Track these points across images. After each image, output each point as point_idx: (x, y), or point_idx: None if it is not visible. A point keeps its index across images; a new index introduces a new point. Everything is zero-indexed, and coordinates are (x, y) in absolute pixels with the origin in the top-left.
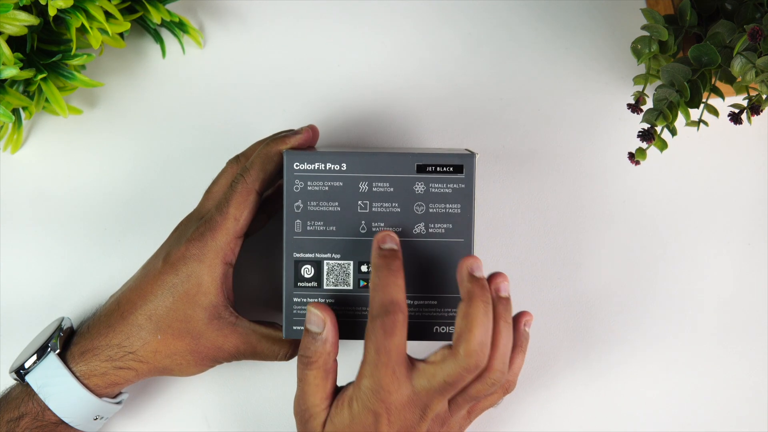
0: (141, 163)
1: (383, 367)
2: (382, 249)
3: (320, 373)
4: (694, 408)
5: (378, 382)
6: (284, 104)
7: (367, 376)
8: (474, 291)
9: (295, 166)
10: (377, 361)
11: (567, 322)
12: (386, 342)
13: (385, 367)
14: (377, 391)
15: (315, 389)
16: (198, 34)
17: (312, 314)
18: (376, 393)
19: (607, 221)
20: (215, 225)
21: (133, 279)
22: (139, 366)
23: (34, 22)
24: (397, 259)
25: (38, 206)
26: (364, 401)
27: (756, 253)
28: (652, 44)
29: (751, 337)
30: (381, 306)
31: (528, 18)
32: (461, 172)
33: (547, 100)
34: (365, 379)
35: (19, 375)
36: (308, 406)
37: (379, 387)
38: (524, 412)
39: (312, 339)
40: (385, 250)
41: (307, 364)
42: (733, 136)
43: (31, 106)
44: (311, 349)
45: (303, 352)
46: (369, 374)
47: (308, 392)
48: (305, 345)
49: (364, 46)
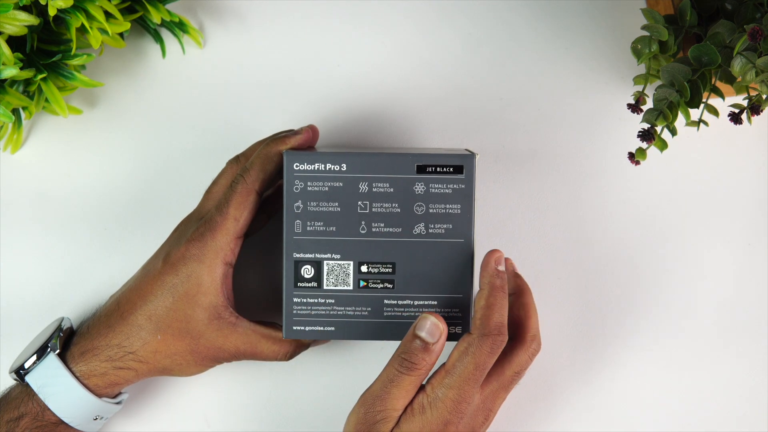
0: (141, 163)
1: (474, 381)
2: (499, 270)
3: (417, 381)
4: (694, 407)
5: (462, 394)
6: (284, 104)
7: (452, 387)
8: (522, 285)
9: (295, 166)
10: (471, 376)
11: (567, 321)
12: (488, 359)
13: (475, 382)
14: (459, 402)
15: (404, 394)
16: (198, 34)
17: (430, 323)
18: (458, 404)
19: (607, 221)
20: (215, 225)
21: (133, 279)
22: (139, 366)
23: (34, 22)
24: (506, 283)
25: (38, 206)
26: (440, 410)
27: (756, 253)
28: (652, 44)
29: (751, 337)
30: (495, 326)
31: (528, 18)
32: (461, 172)
33: (547, 100)
34: (449, 389)
35: (19, 375)
36: (387, 408)
37: (462, 398)
38: (525, 411)
39: (422, 347)
40: (501, 271)
41: (410, 369)
42: (733, 136)
43: (31, 106)
44: (419, 356)
45: (407, 357)
46: (455, 385)
47: (395, 395)
48: (411, 350)
49: (364, 46)
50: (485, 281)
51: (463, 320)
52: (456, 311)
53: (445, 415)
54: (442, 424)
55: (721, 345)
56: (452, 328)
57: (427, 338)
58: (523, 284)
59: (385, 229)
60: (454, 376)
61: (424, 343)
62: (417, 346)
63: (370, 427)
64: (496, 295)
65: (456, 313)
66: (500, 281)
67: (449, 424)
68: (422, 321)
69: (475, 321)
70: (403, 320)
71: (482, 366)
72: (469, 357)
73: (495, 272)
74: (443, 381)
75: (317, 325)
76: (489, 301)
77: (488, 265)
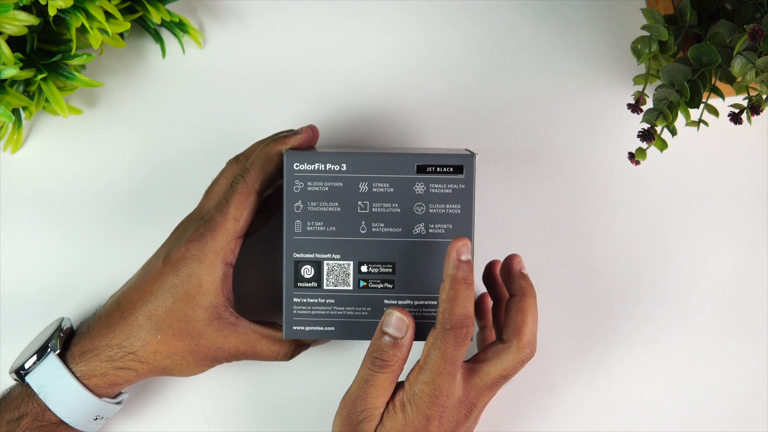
0: (141, 163)
1: (447, 375)
2: (461, 261)
3: (392, 377)
4: (694, 407)
5: (438, 388)
6: (284, 104)
7: (427, 383)
8: (525, 287)
9: (295, 166)
10: (442, 369)
11: (567, 321)
12: (456, 352)
13: (448, 375)
14: (436, 396)
15: (381, 392)
16: (198, 34)
17: (395, 318)
18: (435, 398)
19: (607, 221)
20: (215, 225)
21: (133, 279)
22: (139, 366)
23: (34, 22)
24: (472, 272)
25: (38, 206)
26: (420, 406)
27: (756, 253)
28: (652, 44)
29: (752, 337)
30: (458, 319)
31: (528, 18)
32: (461, 172)
33: (547, 100)
34: (424, 385)
35: (19, 375)
36: (367, 407)
37: (439, 392)
38: (525, 411)
39: (391, 343)
40: (463, 262)
41: (382, 366)
42: (733, 136)
43: (31, 106)
44: (389, 352)
45: (378, 355)
46: (429, 381)
47: (373, 394)
48: (381, 347)
49: (364, 45)
50: (446, 273)
51: None
52: None
53: (426, 410)
54: (424, 419)
55: (721, 345)
56: None
57: (394, 333)
58: (526, 286)
59: (385, 229)
60: (426, 371)
61: (392, 339)
62: (386, 342)
63: (355, 427)
64: (456, 288)
65: None
66: (462, 272)
67: (431, 418)
68: (387, 317)
69: (438, 315)
70: None
71: (451, 359)
72: (436, 351)
73: (456, 263)
74: (418, 377)
75: (317, 325)
76: (449, 294)
77: (449, 256)
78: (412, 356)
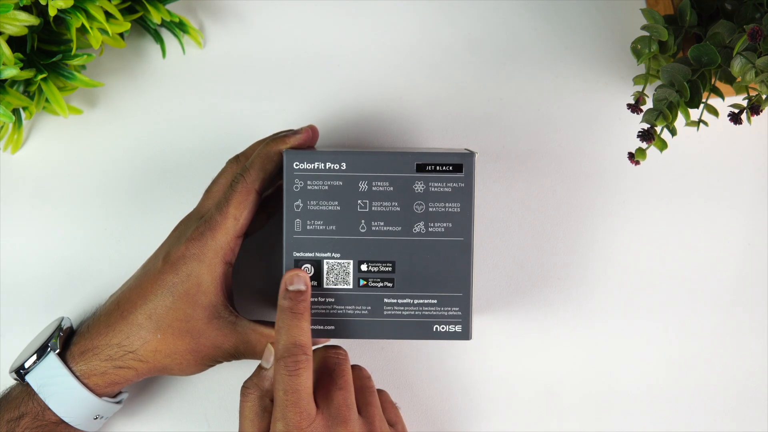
0: (141, 163)
1: (292, 406)
2: (288, 291)
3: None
4: (694, 407)
5: (289, 423)
6: (284, 104)
7: (279, 420)
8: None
9: (294, 165)
10: (286, 402)
11: (567, 322)
12: (292, 382)
13: (294, 407)
14: (291, 429)
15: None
16: (198, 34)
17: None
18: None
19: (607, 221)
20: (215, 224)
21: (133, 278)
22: (139, 365)
23: (34, 22)
24: (303, 301)
25: (38, 206)
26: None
27: (756, 253)
28: (652, 44)
29: (752, 337)
30: (285, 348)
31: (528, 18)
32: (461, 171)
33: (547, 100)
34: (278, 422)
35: (19, 375)
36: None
37: (292, 427)
38: (525, 410)
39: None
40: (291, 292)
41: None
42: (732, 136)
43: (31, 106)
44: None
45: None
46: (281, 417)
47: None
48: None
49: (364, 46)
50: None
51: (463, 319)
52: (455, 310)
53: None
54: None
55: (721, 345)
56: (452, 327)
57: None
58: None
59: (384, 227)
60: (276, 408)
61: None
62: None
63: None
64: (282, 317)
65: (455, 311)
66: (287, 302)
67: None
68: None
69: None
70: (403, 319)
71: (290, 389)
72: (277, 385)
73: (283, 293)
74: (273, 416)
75: (317, 324)
76: (277, 324)
77: (281, 287)
78: None
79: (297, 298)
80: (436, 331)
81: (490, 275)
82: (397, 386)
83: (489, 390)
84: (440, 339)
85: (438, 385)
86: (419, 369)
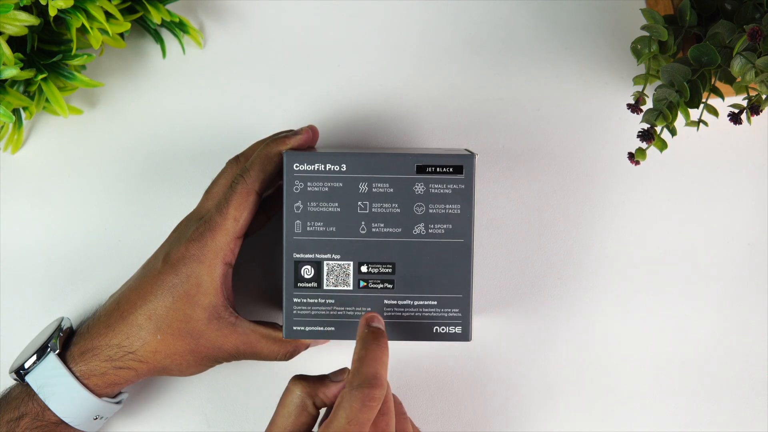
0: (141, 163)
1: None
2: (371, 326)
3: None
4: (694, 407)
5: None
6: (284, 104)
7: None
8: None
9: (294, 166)
10: (348, 430)
11: (567, 322)
12: (361, 415)
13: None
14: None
15: None
16: (198, 34)
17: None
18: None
19: (607, 221)
20: (215, 225)
21: (133, 279)
22: (139, 366)
23: (34, 22)
24: (384, 338)
25: (38, 206)
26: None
27: (756, 253)
28: (652, 44)
29: (752, 337)
30: (365, 378)
31: (528, 18)
32: (461, 172)
33: (547, 100)
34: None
35: (19, 375)
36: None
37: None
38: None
39: None
40: (374, 327)
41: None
42: (732, 136)
43: (31, 106)
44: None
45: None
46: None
47: None
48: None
49: (364, 46)
50: (358, 336)
51: (463, 320)
52: (456, 311)
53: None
54: None
55: (721, 345)
56: (452, 328)
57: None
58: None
59: (384, 229)
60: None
61: None
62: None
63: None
64: (367, 347)
65: (456, 313)
66: (371, 334)
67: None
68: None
69: (348, 375)
70: (403, 320)
71: (355, 420)
72: (341, 411)
73: (366, 327)
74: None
75: (317, 325)
76: (360, 353)
77: (360, 324)
78: None
79: (380, 333)
80: (436, 333)
81: (490, 275)
82: (397, 387)
83: (489, 390)
84: (440, 340)
85: (438, 386)
86: (419, 370)
